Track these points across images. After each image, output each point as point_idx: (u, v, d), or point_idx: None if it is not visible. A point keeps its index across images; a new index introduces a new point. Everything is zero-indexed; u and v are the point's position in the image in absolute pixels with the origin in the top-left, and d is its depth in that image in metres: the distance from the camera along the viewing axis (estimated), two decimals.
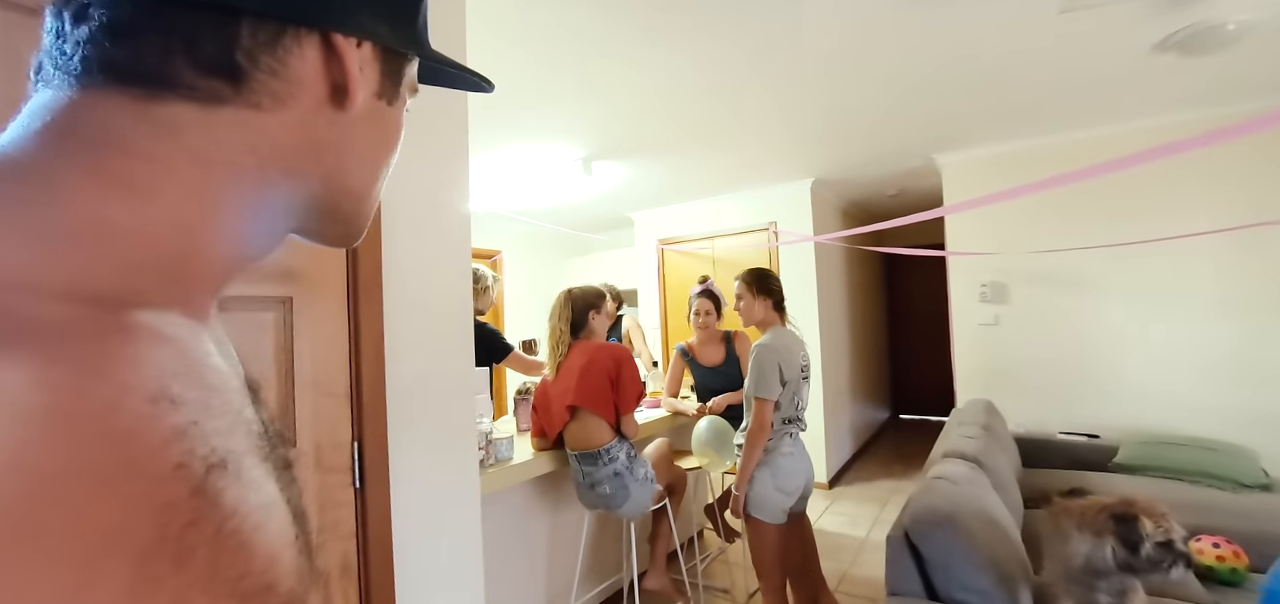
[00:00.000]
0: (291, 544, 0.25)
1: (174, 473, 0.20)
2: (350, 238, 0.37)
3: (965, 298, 3.72)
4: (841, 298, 5.10)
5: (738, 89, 2.74)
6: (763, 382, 2.01)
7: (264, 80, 0.28)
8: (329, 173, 0.32)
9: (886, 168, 4.13)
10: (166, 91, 0.26)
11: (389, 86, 0.34)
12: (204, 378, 0.25)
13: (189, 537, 0.19)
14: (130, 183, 0.25)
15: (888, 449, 5.41)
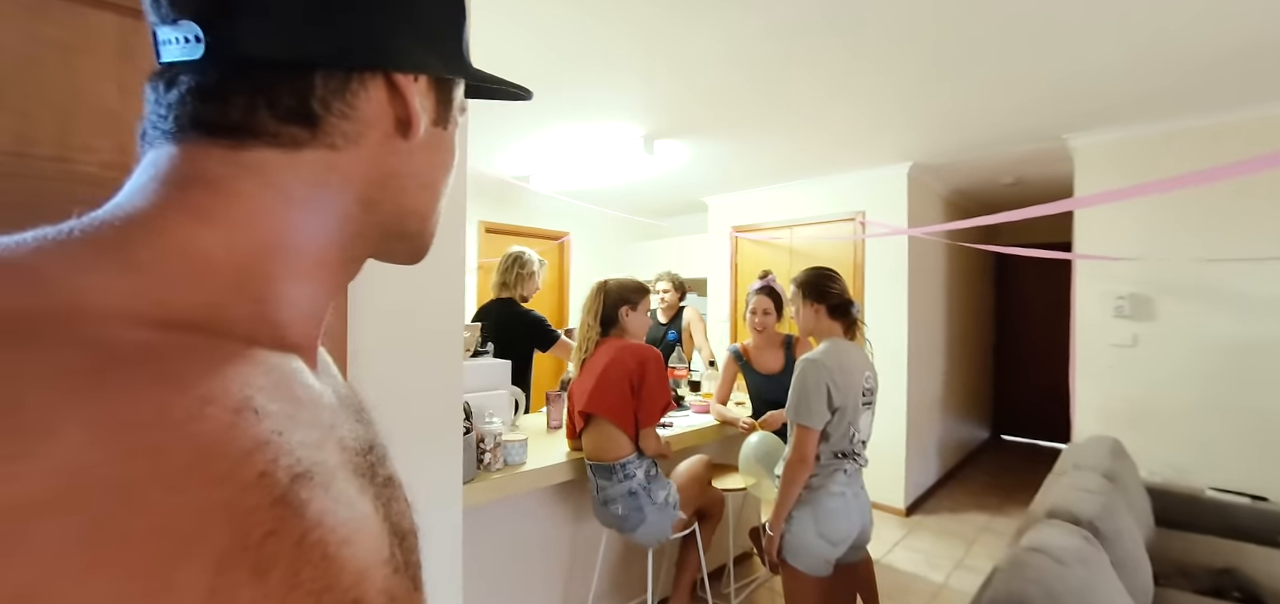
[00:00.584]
0: (385, 562, 0.25)
1: (256, 481, 0.20)
2: (418, 255, 0.40)
3: (1095, 311, 3.07)
4: (939, 300, 4.48)
5: (823, 55, 2.34)
6: (805, 405, 1.68)
7: (337, 123, 0.31)
8: (396, 198, 0.35)
9: (1003, 150, 3.51)
10: (252, 140, 0.29)
11: (443, 112, 0.37)
12: (291, 392, 0.26)
13: (269, 546, 0.20)
14: (222, 218, 0.28)
15: (983, 475, 4.75)
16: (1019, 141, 3.35)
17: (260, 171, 0.29)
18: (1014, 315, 5.99)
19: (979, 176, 4.11)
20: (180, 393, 0.21)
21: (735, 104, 2.91)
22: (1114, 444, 2.61)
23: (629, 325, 2.01)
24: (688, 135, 3.39)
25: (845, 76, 2.54)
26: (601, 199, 5.27)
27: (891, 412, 3.90)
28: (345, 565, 0.22)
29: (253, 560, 0.19)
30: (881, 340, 3.97)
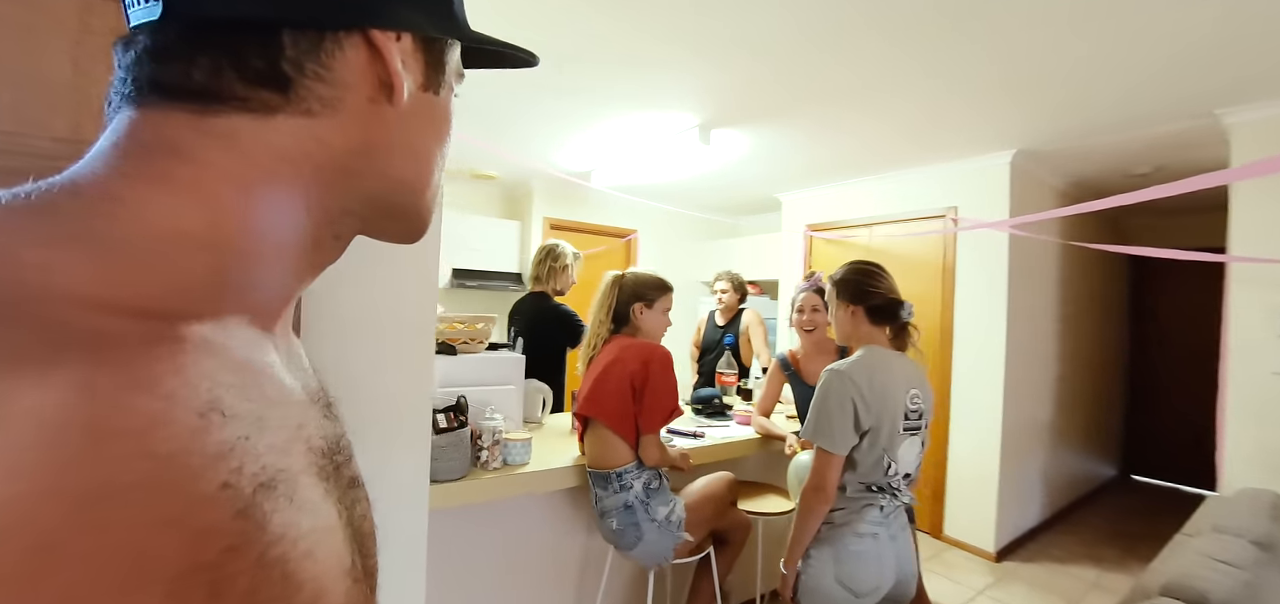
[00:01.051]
0: (345, 574, 0.24)
1: (218, 493, 0.19)
2: (414, 233, 0.37)
3: (1255, 330, 2.45)
4: (1051, 309, 3.86)
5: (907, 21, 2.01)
6: (823, 423, 1.42)
7: (311, 86, 0.28)
8: (382, 169, 0.32)
9: (1138, 132, 2.90)
10: (220, 105, 0.27)
11: (433, 76, 0.34)
12: (262, 390, 0.24)
13: (228, 564, 0.19)
14: (189, 189, 0.26)
15: (1102, 520, 4.03)
16: (1158, 120, 2.75)
17: (230, 139, 0.27)
18: (1153, 333, 5.06)
19: (1105, 166, 3.47)
20: (142, 392, 0.19)
21: (801, 87, 2.62)
22: (1274, 500, 2.04)
23: (643, 324, 1.83)
24: (747, 124, 3.14)
25: (935, 45, 2.17)
26: (669, 196, 5.10)
27: (984, 439, 3.39)
28: (305, 582, 0.21)
29: (210, 580, 0.18)
30: (975, 357, 3.47)
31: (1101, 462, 4.78)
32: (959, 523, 3.50)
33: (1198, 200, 4.21)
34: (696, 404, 2.75)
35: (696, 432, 2.27)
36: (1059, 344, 3.97)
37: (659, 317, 1.83)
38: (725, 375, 2.91)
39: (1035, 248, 3.59)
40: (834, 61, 2.35)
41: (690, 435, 2.23)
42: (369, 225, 0.34)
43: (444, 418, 1.66)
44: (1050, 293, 3.85)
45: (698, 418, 2.66)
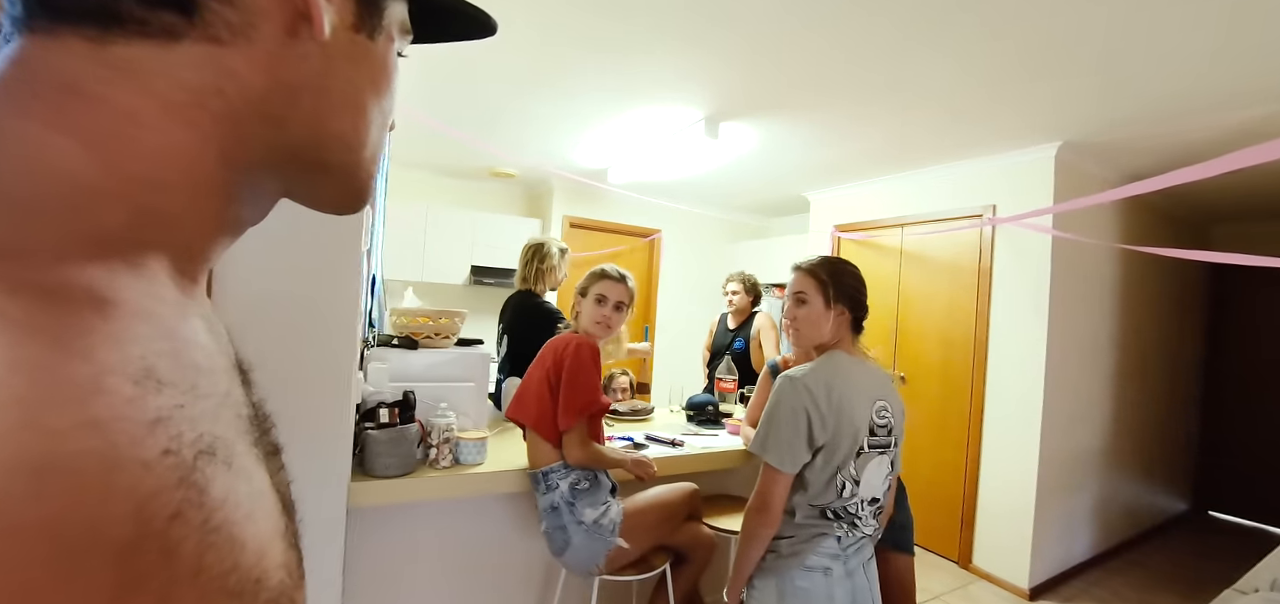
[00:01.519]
0: (281, 535, 0.24)
1: (160, 460, 0.19)
2: (348, 197, 0.34)
3: None
4: (1107, 323, 3.47)
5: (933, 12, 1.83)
6: (772, 435, 1.25)
7: (218, 9, 0.25)
8: (310, 116, 0.29)
9: (1201, 118, 2.55)
10: (117, 30, 0.24)
11: (367, 18, 0.31)
12: (191, 357, 0.23)
13: (175, 529, 0.19)
14: (93, 133, 0.23)
15: (1164, 561, 3.58)
16: (1230, 105, 2.39)
17: (133, 73, 0.24)
18: (1239, 350, 4.50)
19: (1167, 159, 3.07)
20: (76, 361, 0.19)
21: (806, 78, 2.45)
22: None
23: (580, 317, 1.71)
24: (755, 117, 2.96)
25: (958, 21, 1.94)
26: (692, 195, 4.95)
27: (1021, 461, 3.07)
28: (249, 543, 0.21)
29: (159, 546, 0.18)
30: (1009, 369, 3.15)
31: (1170, 494, 4.27)
32: (989, 554, 3.18)
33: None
34: (689, 410, 2.60)
35: (676, 440, 2.12)
36: (1116, 360, 3.56)
37: (591, 307, 1.68)
38: (724, 381, 2.75)
39: (1086, 252, 3.23)
40: (841, 48, 2.17)
41: (668, 443, 2.09)
42: (297, 184, 0.32)
43: (387, 412, 1.60)
44: (1105, 302, 3.46)
45: (689, 425, 2.51)
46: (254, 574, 0.21)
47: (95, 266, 0.21)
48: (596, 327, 1.67)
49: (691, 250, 5.50)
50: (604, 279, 1.69)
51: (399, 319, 1.87)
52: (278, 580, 0.22)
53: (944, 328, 3.51)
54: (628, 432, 2.31)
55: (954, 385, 3.42)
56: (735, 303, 3.32)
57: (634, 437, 2.22)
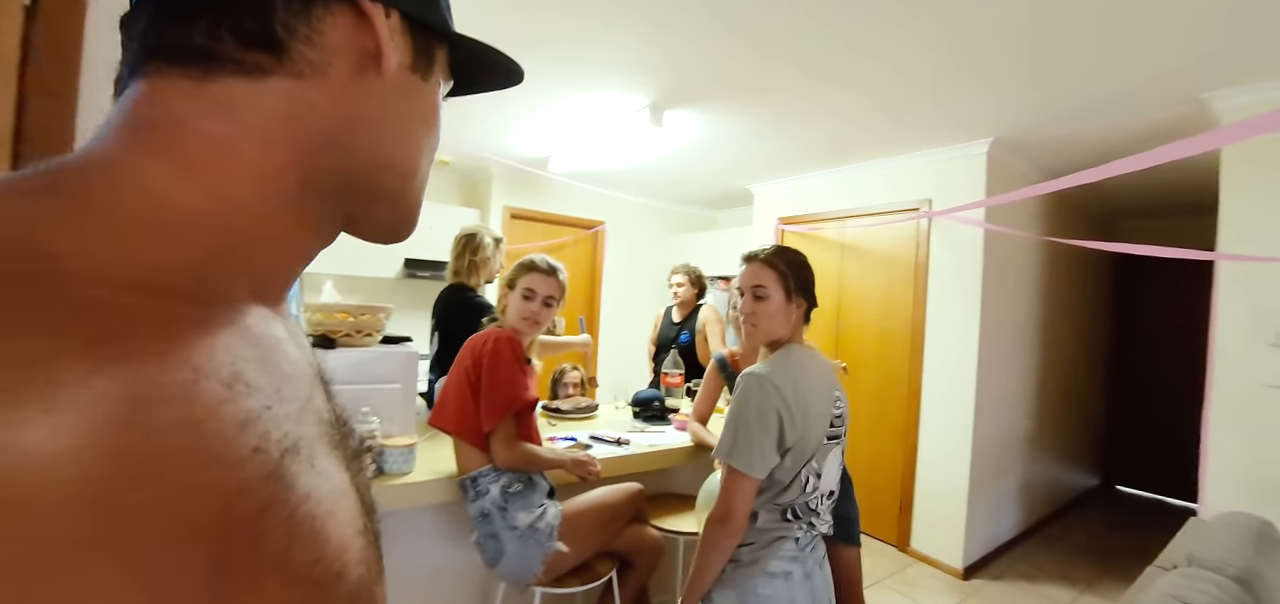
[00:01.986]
0: (361, 533, 0.26)
1: (250, 457, 0.21)
2: (399, 223, 0.37)
3: (1244, 336, 2.23)
4: (1029, 310, 3.64)
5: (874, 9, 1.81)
6: (742, 439, 1.16)
7: (302, 50, 0.29)
8: (371, 144, 0.33)
9: (1118, 119, 2.69)
10: (217, 68, 0.28)
11: (422, 61, 0.35)
12: (276, 364, 0.26)
13: (264, 520, 0.20)
14: (193, 161, 0.27)
15: (1082, 533, 3.82)
16: (1142, 107, 2.53)
17: (228, 106, 0.28)
18: (1140, 335, 4.86)
19: (1084, 154, 3.24)
20: (173, 366, 0.20)
21: (752, 68, 2.40)
22: (1260, 529, 1.82)
23: (507, 312, 1.59)
24: (700, 105, 2.90)
25: (899, 18, 1.95)
26: (636, 186, 4.87)
27: (955, 447, 3.17)
28: (330, 537, 0.23)
29: (249, 534, 0.20)
30: (947, 358, 3.25)
31: (1082, 471, 4.57)
32: (926, 537, 3.28)
33: (1188, 202, 4.01)
34: (635, 406, 2.52)
35: (621, 438, 2.04)
36: (1037, 346, 3.75)
37: (518, 301, 1.57)
38: (670, 376, 2.69)
39: (1012, 245, 3.37)
40: (790, 37, 2.13)
41: (612, 442, 2.00)
42: (357, 209, 0.34)
43: None
44: (1028, 293, 3.63)
45: (635, 422, 2.43)
46: (335, 567, 0.22)
47: (191, 281, 0.24)
48: (523, 323, 1.56)
49: (636, 242, 5.42)
50: (532, 272, 1.57)
51: (313, 315, 1.69)
52: (358, 575, 0.24)
53: (882, 319, 3.59)
54: (572, 431, 2.21)
55: (892, 375, 3.50)
56: (680, 295, 3.27)
57: (578, 436, 2.12)
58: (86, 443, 0.17)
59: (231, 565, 0.19)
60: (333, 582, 0.22)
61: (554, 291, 1.58)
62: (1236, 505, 2.14)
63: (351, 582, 0.23)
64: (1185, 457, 4.43)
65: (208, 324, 0.23)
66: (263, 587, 0.20)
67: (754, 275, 1.31)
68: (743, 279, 1.33)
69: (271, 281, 0.30)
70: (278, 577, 0.20)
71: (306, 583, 0.21)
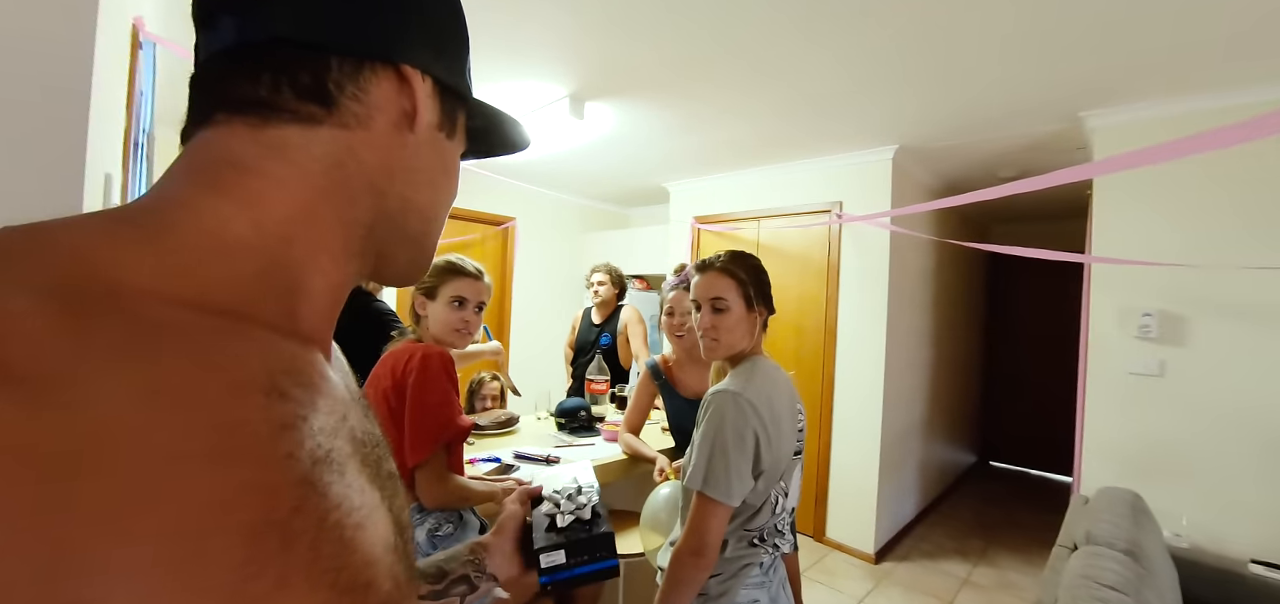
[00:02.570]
0: (391, 549, 0.27)
1: (284, 460, 0.22)
2: (416, 264, 0.41)
3: (1112, 329, 2.49)
4: (926, 308, 3.91)
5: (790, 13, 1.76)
6: (718, 466, 1.04)
7: (349, 104, 0.34)
8: (402, 190, 0.37)
9: (1006, 132, 2.92)
10: (274, 116, 0.32)
11: (447, 121, 0.40)
12: (311, 380, 0.27)
13: (295, 522, 0.21)
14: (246, 196, 0.30)
15: (967, 510, 4.18)
16: (1027, 121, 2.76)
17: (282, 150, 0.32)
18: (1009, 328, 5.42)
19: (975, 166, 3.53)
20: (215, 372, 0.23)
21: (677, 61, 2.31)
22: (1133, 502, 2.03)
23: (428, 322, 1.40)
24: (622, 98, 2.78)
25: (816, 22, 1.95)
26: (551, 181, 4.66)
27: (866, 440, 3.32)
28: (359, 548, 0.24)
29: (281, 534, 0.21)
30: (857, 356, 3.38)
31: (964, 451, 5.02)
32: (840, 526, 3.42)
33: (1055, 208, 4.50)
34: (559, 417, 2.36)
35: (550, 455, 1.88)
36: (931, 340, 4.04)
37: (444, 310, 1.38)
38: (595, 382, 2.55)
39: (911, 246, 3.59)
40: (709, 35, 2.07)
41: (541, 460, 1.83)
42: (386, 249, 0.38)
43: None
44: (924, 290, 3.90)
45: (560, 434, 2.28)
46: (363, 577, 0.23)
47: (240, 300, 0.28)
48: (452, 334, 1.36)
49: (548, 240, 5.20)
50: (461, 277, 1.38)
51: None
52: (386, 590, 0.25)
53: (797, 317, 3.68)
54: (493, 450, 2.01)
55: (807, 371, 3.61)
56: (601, 295, 3.14)
57: (501, 456, 1.93)
58: (127, 433, 0.19)
59: (263, 562, 0.20)
60: (360, 592, 0.23)
61: (484, 297, 1.40)
62: (1109, 480, 2.39)
63: (381, 595, 0.24)
64: (1047, 434, 5.03)
65: (250, 337, 0.26)
66: (291, 588, 0.20)
67: (712, 286, 1.21)
68: (699, 290, 1.23)
69: (313, 309, 0.32)
70: (305, 581, 0.21)
71: (333, 589, 0.22)
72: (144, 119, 1.46)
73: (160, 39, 1.49)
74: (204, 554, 0.19)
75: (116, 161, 1.24)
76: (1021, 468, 5.27)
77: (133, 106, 1.39)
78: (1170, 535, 2.26)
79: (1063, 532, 2.01)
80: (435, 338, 1.36)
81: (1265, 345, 2.17)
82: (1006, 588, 2.99)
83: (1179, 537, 2.28)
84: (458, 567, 0.67)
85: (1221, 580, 2.08)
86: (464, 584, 0.66)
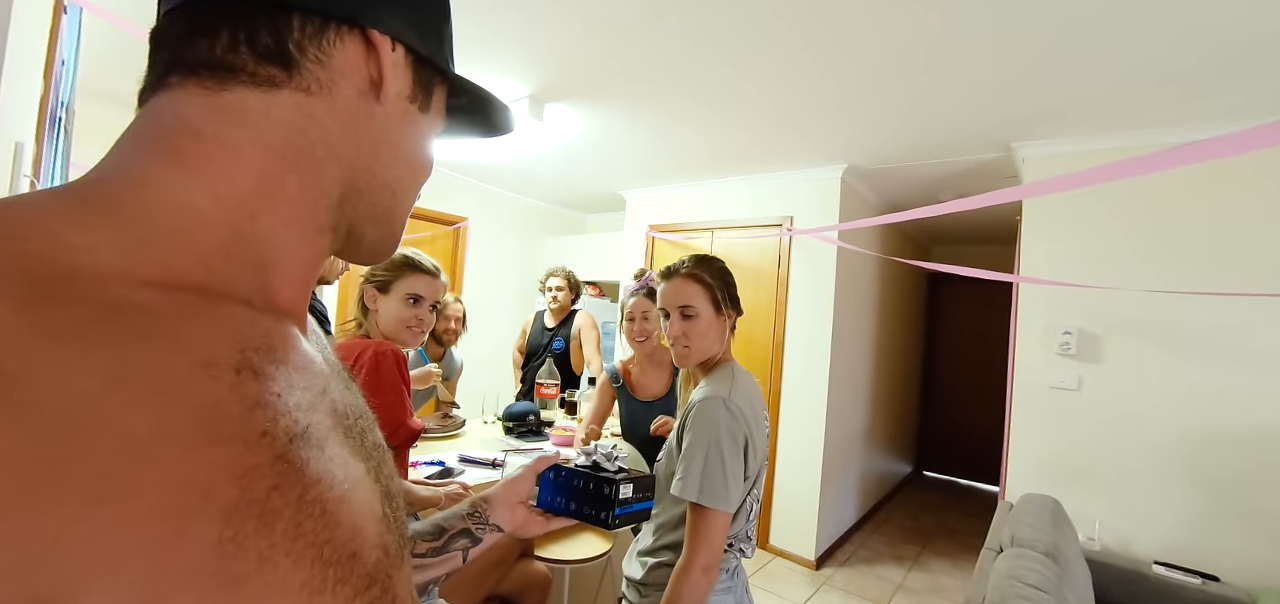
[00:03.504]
0: (378, 520, 0.26)
1: (259, 440, 0.22)
2: (383, 242, 0.39)
3: (1037, 346, 2.66)
4: (869, 321, 4.06)
5: (741, 21, 1.82)
6: (714, 474, 1.02)
7: (312, 68, 0.32)
8: (369, 161, 0.35)
9: (946, 158, 3.09)
10: (232, 79, 0.30)
11: (420, 93, 0.38)
12: (286, 356, 0.26)
13: (274, 500, 0.21)
14: (204, 166, 0.29)
15: (902, 517, 4.35)
16: (962, 150, 2.93)
17: (239, 115, 0.30)
18: (945, 343, 5.71)
19: (917, 188, 3.71)
20: (183, 354, 0.22)
21: (640, 70, 2.34)
22: (1053, 507, 2.17)
23: (378, 317, 1.36)
24: (583, 102, 2.78)
25: (775, 47, 2.02)
26: (507, 182, 4.60)
27: (809, 449, 3.41)
28: (342, 520, 0.23)
29: (258, 512, 0.20)
30: (804, 365, 3.48)
31: (902, 461, 5.24)
32: (783, 533, 3.49)
33: (990, 233, 4.78)
34: (508, 422, 2.32)
35: (496, 459, 1.84)
36: (873, 353, 4.20)
37: (398, 307, 1.34)
38: (545, 387, 2.52)
39: (857, 262, 3.74)
40: (673, 47, 2.10)
41: (487, 464, 1.80)
42: (354, 224, 0.36)
43: None
44: (869, 306, 4.06)
45: (507, 438, 2.24)
46: (349, 549, 0.23)
47: (203, 275, 0.26)
48: (404, 331, 1.32)
49: (501, 241, 5.12)
50: (418, 273, 1.34)
51: None
52: (374, 558, 0.25)
53: (748, 327, 3.76)
54: (437, 453, 1.95)
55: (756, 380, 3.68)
56: (558, 299, 3.12)
57: (444, 460, 1.87)
58: (96, 423, 0.19)
59: (241, 543, 0.19)
60: (346, 563, 0.23)
61: (440, 296, 1.36)
62: (1031, 487, 2.55)
63: (368, 565, 0.24)
64: (978, 445, 5.32)
65: (220, 314, 0.25)
66: (273, 565, 0.20)
67: (679, 293, 1.18)
68: (666, 298, 1.20)
69: (283, 281, 0.31)
70: (287, 557, 0.21)
71: (318, 563, 0.21)
72: (63, 91, 1.36)
73: (89, 4, 1.39)
74: (182, 540, 0.19)
75: (29, 130, 1.15)
76: (954, 477, 5.53)
77: (51, 75, 1.29)
78: (1085, 539, 2.43)
79: (990, 535, 2.13)
80: (385, 334, 1.32)
81: (1164, 363, 2.37)
82: (938, 592, 3.12)
83: (1092, 540, 2.45)
84: (458, 522, 0.71)
85: (1129, 580, 2.25)
86: (465, 538, 0.71)
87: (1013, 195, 1.76)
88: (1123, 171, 1.34)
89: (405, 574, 0.28)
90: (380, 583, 0.24)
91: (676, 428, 1.14)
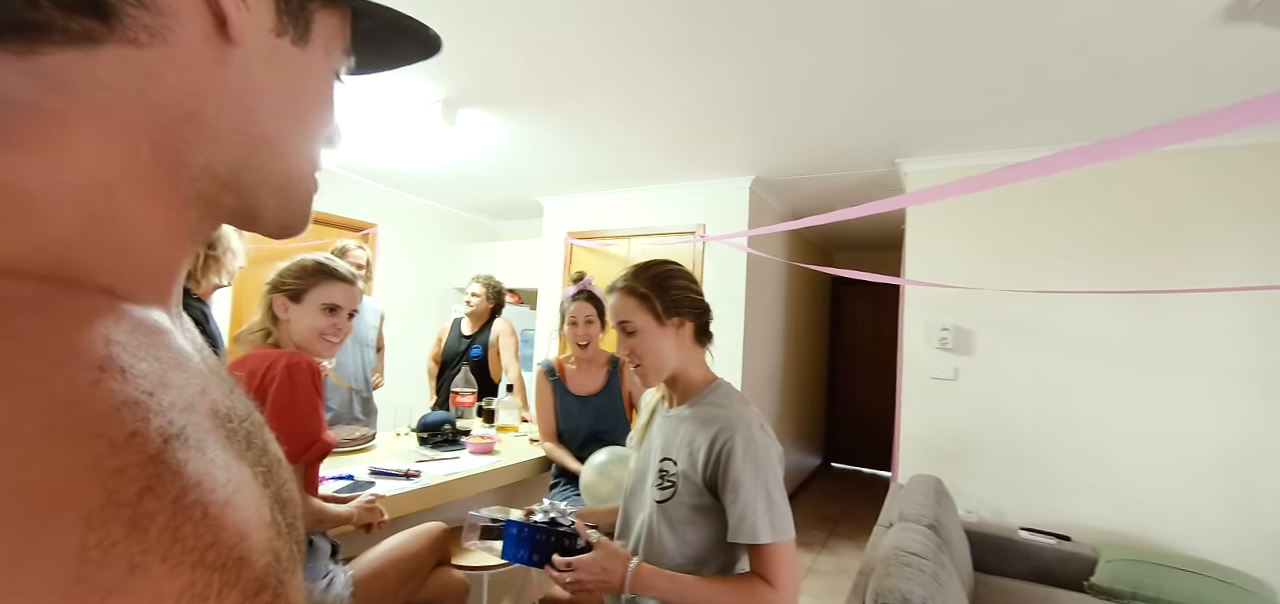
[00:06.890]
0: (267, 525, 0.25)
1: (126, 441, 0.20)
2: (288, 215, 0.35)
3: (920, 342, 2.94)
4: (778, 323, 4.29)
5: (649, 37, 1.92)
6: (778, 506, 0.99)
7: (134, 13, 0.26)
8: (238, 120, 0.30)
9: (841, 171, 3.35)
10: (41, 39, 0.25)
11: (289, 24, 0.32)
12: (156, 352, 0.24)
13: (146, 503, 0.19)
14: (30, 140, 0.25)
15: (811, 507, 4.63)
16: (854, 164, 3.19)
17: (61, 82, 0.25)
18: (847, 341, 6.13)
19: (817, 198, 3.99)
20: (35, 351, 0.20)
21: (553, 77, 2.36)
22: (936, 485, 2.41)
23: (290, 327, 1.30)
24: (498, 108, 2.77)
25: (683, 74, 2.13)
26: (420, 188, 4.45)
27: None
28: (227, 523, 0.22)
29: (128, 517, 0.19)
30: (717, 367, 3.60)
31: (811, 453, 5.56)
32: None
33: (884, 240, 5.19)
34: (422, 431, 2.26)
35: (409, 470, 1.79)
36: (782, 353, 4.45)
37: (313, 315, 1.28)
38: (461, 395, 2.48)
39: (766, 268, 3.95)
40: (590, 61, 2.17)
41: (399, 475, 1.74)
42: (244, 198, 0.32)
43: None
44: (777, 309, 4.29)
45: (422, 449, 2.17)
46: (235, 553, 0.22)
47: (51, 263, 0.23)
48: (319, 342, 1.26)
49: (415, 249, 4.94)
50: (333, 280, 1.29)
51: None
52: (263, 563, 0.23)
53: None
54: (345, 468, 1.87)
55: None
56: (474, 306, 3.06)
57: (354, 473, 1.80)
58: None
59: (108, 549, 0.18)
60: (234, 568, 0.21)
61: (357, 304, 1.32)
62: (919, 469, 2.81)
63: (257, 569, 0.23)
64: (879, 436, 5.74)
65: (79, 305, 0.23)
66: (146, 572, 0.19)
67: (617, 310, 1.13)
68: (611, 318, 1.17)
69: (148, 268, 0.28)
70: (163, 563, 0.19)
71: (199, 567, 0.20)
72: None
73: None
74: (37, 550, 0.17)
75: None
76: (858, 467, 5.94)
77: None
78: (964, 511, 2.71)
79: (882, 514, 2.33)
80: (298, 344, 1.25)
81: (1024, 354, 2.71)
82: (843, 572, 3.35)
83: (970, 512, 2.73)
84: None
85: (1000, 545, 2.53)
86: None
87: (894, 204, 1.95)
88: (986, 183, 1.53)
89: (298, 583, 0.27)
90: (272, 588, 0.23)
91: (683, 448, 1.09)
